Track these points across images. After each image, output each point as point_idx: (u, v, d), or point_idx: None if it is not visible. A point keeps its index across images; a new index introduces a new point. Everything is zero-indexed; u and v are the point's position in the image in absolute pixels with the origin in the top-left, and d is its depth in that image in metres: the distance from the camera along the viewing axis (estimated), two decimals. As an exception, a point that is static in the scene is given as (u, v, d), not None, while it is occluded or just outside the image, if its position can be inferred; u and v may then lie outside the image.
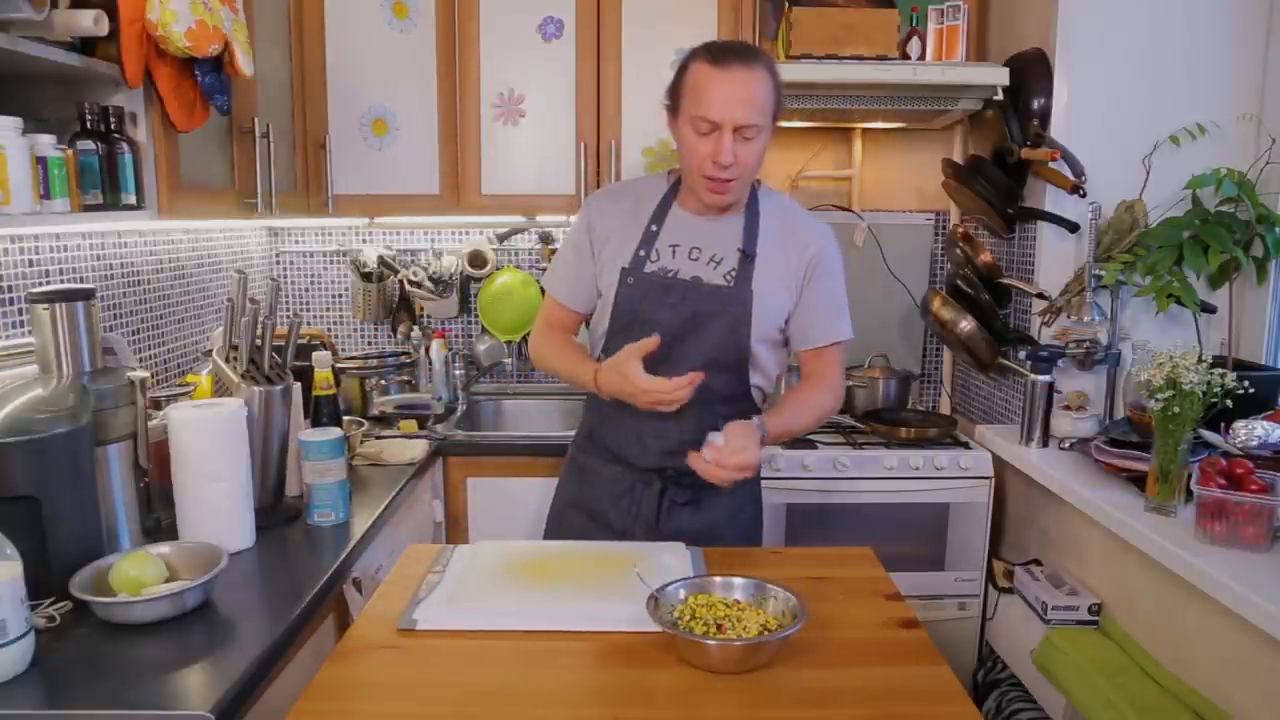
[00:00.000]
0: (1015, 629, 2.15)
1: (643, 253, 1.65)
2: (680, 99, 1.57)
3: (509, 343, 2.89)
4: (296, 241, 2.92)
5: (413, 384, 2.69)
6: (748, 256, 1.63)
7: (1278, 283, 2.17)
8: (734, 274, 1.63)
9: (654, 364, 1.65)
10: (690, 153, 1.56)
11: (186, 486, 1.50)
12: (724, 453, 1.43)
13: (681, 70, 1.58)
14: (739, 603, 1.22)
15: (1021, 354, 2.30)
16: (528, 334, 2.89)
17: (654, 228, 1.66)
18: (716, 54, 1.53)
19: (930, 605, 2.38)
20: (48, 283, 1.78)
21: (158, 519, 1.57)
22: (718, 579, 1.27)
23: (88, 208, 1.50)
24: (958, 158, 2.69)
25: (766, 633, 1.15)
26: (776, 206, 1.70)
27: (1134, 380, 2.06)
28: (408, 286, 2.76)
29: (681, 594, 1.24)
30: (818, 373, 1.71)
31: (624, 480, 1.72)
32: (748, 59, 1.52)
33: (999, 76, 2.29)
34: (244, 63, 1.70)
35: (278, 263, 2.93)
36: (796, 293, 1.66)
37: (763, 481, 2.31)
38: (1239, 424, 1.78)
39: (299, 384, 1.78)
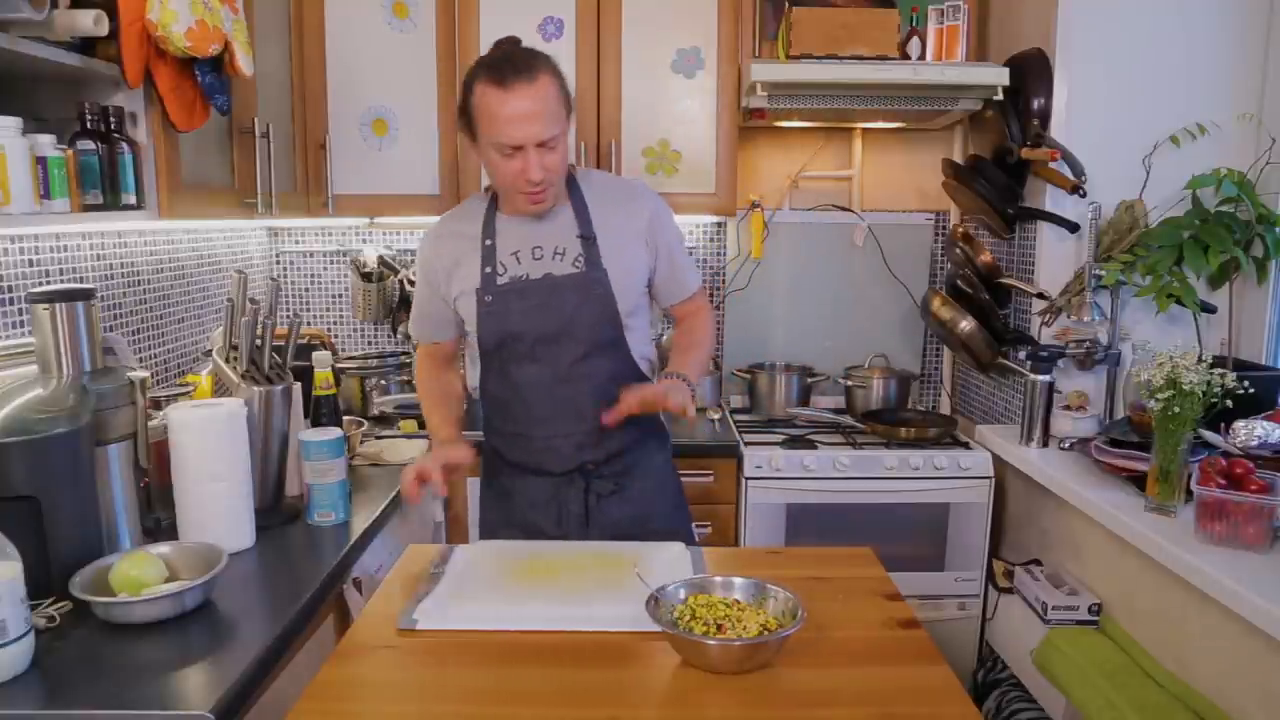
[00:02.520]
0: (1015, 629, 2.15)
1: (489, 270, 1.65)
2: (475, 126, 1.55)
3: (509, 343, 2.89)
4: (296, 241, 2.92)
5: (413, 384, 2.69)
6: (588, 239, 1.64)
7: (1278, 283, 2.17)
8: (582, 258, 1.64)
9: (538, 367, 1.66)
10: (501, 174, 1.56)
11: (186, 486, 1.50)
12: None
13: (468, 93, 1.54)
14: (739, 603, 1.22)
15: (1021, 354, 2.30)
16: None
17: (489, 242, 1.66)
18: (498, 74, 1.49)
19: (930, 605, 2.38)
20: (48, 283, 1.78)
21: (158, 519, 1.57)
22: (718, 579, 1.27)
23: (88, 208, 1.50)
24: (958, 158, 2.69)
25: (766, 633, 1.15)
26: (596, 182, 1.72)
27: (1134, 380, 2.06)
28: (408, 286, 2.76)
29: (681, 594, 1.24)
30: (690, 312, 1.82)
31: (546, 487, 1.72)
32: (529, 72, 1.49)
33: (999, 76, 2.29)
34: (244, 63, 1.70)
35: (278, 263, 2.93)
36: (650, 249, 1.69)
37: (761, 481, 2.34)
38: (1239, 424, 1.78)
39: (299, 384, 1.78)
